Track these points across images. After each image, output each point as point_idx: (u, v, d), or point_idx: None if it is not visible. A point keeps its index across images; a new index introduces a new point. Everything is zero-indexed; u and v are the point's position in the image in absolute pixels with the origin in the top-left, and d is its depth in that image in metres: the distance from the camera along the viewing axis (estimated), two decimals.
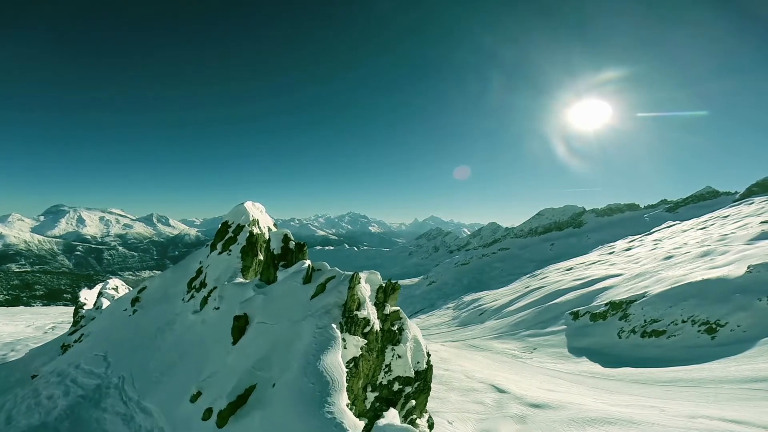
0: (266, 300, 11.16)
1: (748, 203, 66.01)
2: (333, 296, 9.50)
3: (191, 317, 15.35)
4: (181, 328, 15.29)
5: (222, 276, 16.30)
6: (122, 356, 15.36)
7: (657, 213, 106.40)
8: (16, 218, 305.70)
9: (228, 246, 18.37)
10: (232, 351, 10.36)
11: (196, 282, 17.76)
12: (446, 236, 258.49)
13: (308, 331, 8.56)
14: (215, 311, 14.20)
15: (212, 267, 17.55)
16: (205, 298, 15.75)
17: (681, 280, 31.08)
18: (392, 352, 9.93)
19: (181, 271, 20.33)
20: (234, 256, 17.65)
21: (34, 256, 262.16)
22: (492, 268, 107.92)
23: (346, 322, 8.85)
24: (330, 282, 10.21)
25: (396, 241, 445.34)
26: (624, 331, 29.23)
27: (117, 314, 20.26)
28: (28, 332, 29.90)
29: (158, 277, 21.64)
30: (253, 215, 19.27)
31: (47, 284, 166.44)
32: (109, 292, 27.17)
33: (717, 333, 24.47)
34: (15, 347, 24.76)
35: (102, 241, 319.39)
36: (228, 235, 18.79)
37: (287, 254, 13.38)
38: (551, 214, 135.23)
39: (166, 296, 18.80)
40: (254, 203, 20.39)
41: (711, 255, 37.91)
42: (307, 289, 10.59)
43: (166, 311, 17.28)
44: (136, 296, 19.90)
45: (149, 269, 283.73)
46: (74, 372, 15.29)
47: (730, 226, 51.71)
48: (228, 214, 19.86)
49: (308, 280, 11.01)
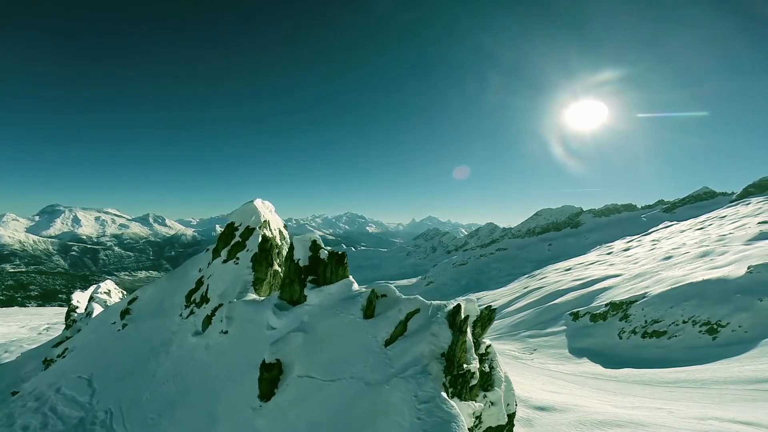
0: (309, 342, 8.63)
1: (745, 204, 66.27)
2: (425, 342, 6.69)
3: (192, 340, 13.07)
4: (179, 351, 13.15)
5: (229, 290, 13.95)
6: (110, 382, 13.20)
7: (654, 213, 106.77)
8: (10, 218, 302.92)
9: (235, 253, 15.57)
10: (263, 412, 7.91)
11: (197, 295, 15.24)
12: (444, 236, 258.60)
13: (401, 404, 5.67)
14: (222, 336, 11.87)
15: (216, 278, 15.03)
16: (208, 317, 13.42)
17: (681, 280, 31.04)
18: (484, 399, 7.57)
19: (177, 280, 17.82)
20: (243, 265, 14.91)
21: (29, 256, 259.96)
22: (490, 268, 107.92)
23: (453, 382, 6.13)
24: (414, 318, 7.54)
25: (393, 242, 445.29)
26: (625, 331, 29.14)
27: (104, 328, 17.77)
28: (23, 333, 29.49)
29: (151, 286, 19.11)
30: (264, 215, 16.70)
31: (42, 285, 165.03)
32: (101, 297, 25.63)
33: (718, 333, 24.40)
34: (9, 348, 24.38)
35: (98, 241, 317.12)
36: (234, 239, 15.92)
37: (317, 266, 10.83)
38: (549, 215, 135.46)
39: (161, 309, 16.41)
40: (263, 201, 17.74)
41: (710, 255, 37.93)
42: (372, 327, 8.01)
43: (161, 328, 14.90)
44: (126, 308, 17.59)
45: (145, 269, 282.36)
46: (54, 397, 13.40)
47: (728, 226, 51.85)
48: (233, 214, 17.08)
49: (370, 312, 8.48)
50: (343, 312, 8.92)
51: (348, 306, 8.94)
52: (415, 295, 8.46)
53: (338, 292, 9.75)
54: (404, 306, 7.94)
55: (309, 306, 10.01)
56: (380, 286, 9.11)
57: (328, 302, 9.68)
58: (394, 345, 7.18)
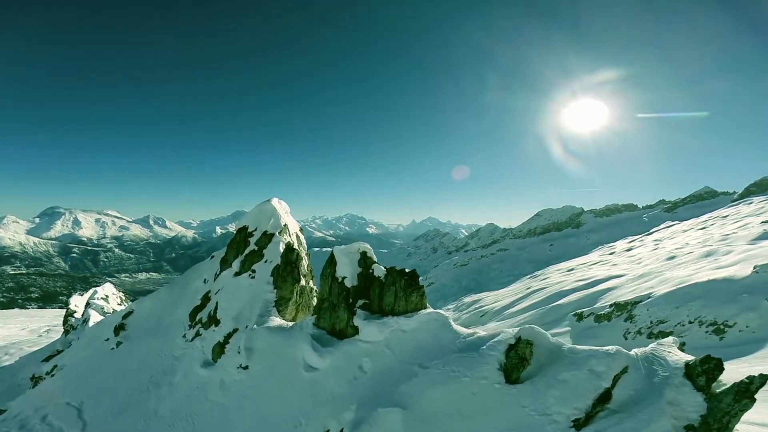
0: (414, 427, 5.52)
1: (747, 203, 66.06)
2: (665, 417, 4.41)
3: (201, 372, 10.73)
4: (186, 385, 10.76)
5: (245, 312, 11.50)
6: (103, 415, 11.27)
7: (655, 213, 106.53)
8: (11, 220, 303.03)
9: (250, 264, 13.11)
10: None
11: (203, 314, 12.94)
12: (444, 237, 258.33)
13: None
14: (242, 372, 9.51)
15: (227, 294, 12.64)
16: (220, 344, 11.07)
17: (686, 280, 30.81)
18: None
19: (177, 291, 15.69)
20: (261, 280, 12.38)
21: (30, 258, 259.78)
22: (491, 269, 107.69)
23: None
24: (622, 381, 5.06)
25: (394, 243, 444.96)
26: (630, 332, 28.91)
27: (97, 344, 15.73)
28: (23, 335, 29.29)
29: (148, 299, 16.99)
30: (283, 218, 14.27)
31: (43, 286, 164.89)
32: (98, 303, 24.48)
33: (725, 334, 24.18)
34: (9, 351, 24.18)
35: (98, 243, 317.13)
36: (249, 247, 13.41)
37: (369, 287, 8.57)
38: (550, 215, 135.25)
39: (160, 327, 14.29)
40: (280, 201, 15.21)
41: (714, 255, 37.71)
42: (531, 397, 5.20)
43: (161, 351, 12.78)
44: (121, 323, 15.62)
45: (146, 271, 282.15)
46: (39, 428, 11.95)
47: (730, 226, 51.64)
48: (248, 217, 14.55)
49: (518, 373, 5.67)
50: (459, 370, 5.95)
51: (465, 362, 6.05)
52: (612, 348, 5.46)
53: (426, 330, 7.37)
54: (598, 362, 5.05)
55: (368, 344, 7.77)
56: (526, 331, 6.29)
57: (409, 345, 7.31)
58: (591, 426, 4.50)
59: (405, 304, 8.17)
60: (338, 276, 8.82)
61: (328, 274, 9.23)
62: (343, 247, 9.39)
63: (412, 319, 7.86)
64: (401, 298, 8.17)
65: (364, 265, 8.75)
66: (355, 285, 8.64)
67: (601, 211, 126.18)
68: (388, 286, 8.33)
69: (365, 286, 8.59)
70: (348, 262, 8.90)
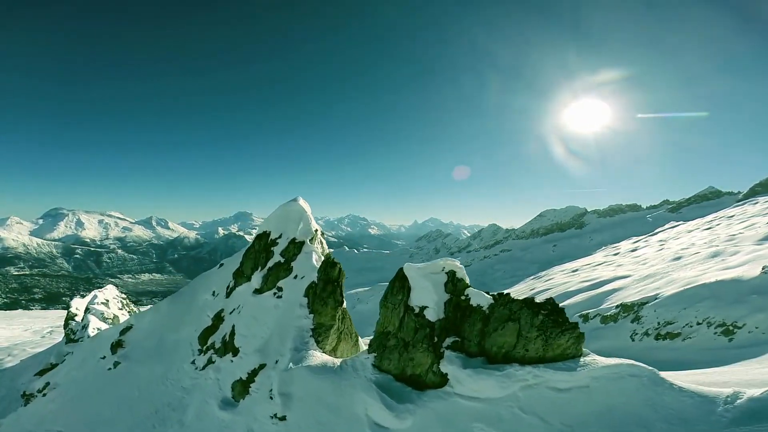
0: None
1: (753, 203, 65.59)
2: None
3: (220, 414, 8.80)
4: (200, 428, 8.93)
5: (274, 341, 9.20)
6: None
7: (659, 213, 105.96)
8: (14, 221, 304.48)
9: (275, 280, 10.79)
10: None
11: (216, 337, 10.94)
12: (446, 238, 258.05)
13: None
14: (278, 424, 7.43)
15: (246, 316, 10.47)
16: (242, 383, 8.95)
17: (694, 281, 30.49)
18: None
19: (182, 305, 13.95)
20: (292, 301, 10.01)
21: (33, 259, 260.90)
22: (494, 269, 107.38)
23: None
24: None
25: (396, 243, 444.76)
26: (637, 333, 28.59)
27: (92, 364, 14.11)
28: (26, 336, 29.28)
29: (149, 313, 15.22)
30: (313, 222, 12.15)
31: (46, 287, 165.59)
32: (98, 308, 23.29)
33: (734, 335, 23.85)
34: (12, 352, 24.11)
35: (101, 244, 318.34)
36: (273, 259, 11.12)
37: (462, 319, 6.44)
38: (552, 215, 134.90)
39: (163, 347, 12.61)
40: (304, 201, 12.97)
41: (722, 256, 37.35)
42: None
43: (166, 378, 10.98)
44: (118, 340, 14.18)
45: (149, 272, 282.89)
46: None
47: (736, 226, 51.22)
48: (269, 221, 12.06)
49: None
50: None
51: None
52: None
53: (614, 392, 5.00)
54: None
55: (477, 402, 5.55)
56: None
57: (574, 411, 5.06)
58: None
59: (543, 349, 5.84)
60: (414, 305, 6.70)
61: (398, 302, 7.04)
62: (420, 266, 7.06)
63: (573, 374, 5.45)
64: (532, 340, 5.87)
65: (453, 290, 6.58)
66: (442, 318, 6.50)
67: (605, 211, 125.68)
68: (500, 321, 6.06)
69: (457, 317, 6.44)
70: (430, 287, 6.63)
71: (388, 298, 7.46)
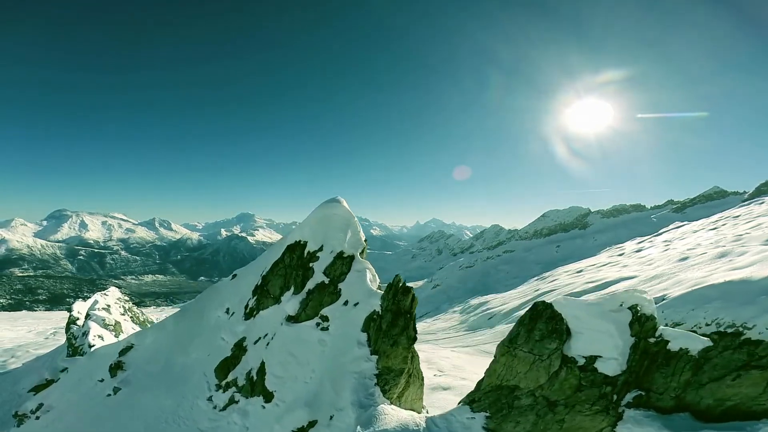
0: None
1: (759, 203, 64.89)
2: None
3: None
4: None
5: (326, 390, 6.96)
6: None
7: (664, 213, 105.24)
8: (18, 223, 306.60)
9: (318, 305, 8.35)
10: None
11: (238, 373, 8.83)
12: (449, 239, 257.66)
13: None
14: None
15: (280, 351, 8.10)
16: None
17: (702, 282, 29.98)
18: None
19: (189, 323, 11.95)
20: (346, 336, 7.66)
21: (37, 260, 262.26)
22: (497, 270, 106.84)
23: None
24: None
25: (398, 244, 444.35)
26: None
27: (89, 387, 12.25)
28: (30, 337, 29.23)
29: (152, 332, 13.17)
30: (360, 230, 9.89)
31: (50, 289, 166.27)
32: (99, 314, 21.93)
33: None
34: (15, 353, 24.04)
35: (104, 245, 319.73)
36: (313, 278, 8.76)
37: (650, 366, 5.11)
38: (556, 216, 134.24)
39: (170, 373, 10.51)
40: None
41: (729, 256, 36.86)
42: None
43: (176, 413, 9.05)
44: (118, 361, 12.34)
45: (152, 273, 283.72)
46: None
47: (742, 226, 50.64)
48: (303, 227, 9.90)
49: None
50: None
51: None
52: None
53: None
54: None
55: None
56: None
57: None
58: None
59: None
60: (574, 355, 4.82)
61: (549, 351, 4.99)
62: (589, 303, 5.14)
63: None
64: None
65: (640, 332, 4.85)
66: (624, 370, 4.74)
67: (608, 211, 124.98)
68: (729, 368, 4.28)
69: (639, 367, 4.81)
70: (604, 330, 4.82)
71: (525, 345, 5.49)
